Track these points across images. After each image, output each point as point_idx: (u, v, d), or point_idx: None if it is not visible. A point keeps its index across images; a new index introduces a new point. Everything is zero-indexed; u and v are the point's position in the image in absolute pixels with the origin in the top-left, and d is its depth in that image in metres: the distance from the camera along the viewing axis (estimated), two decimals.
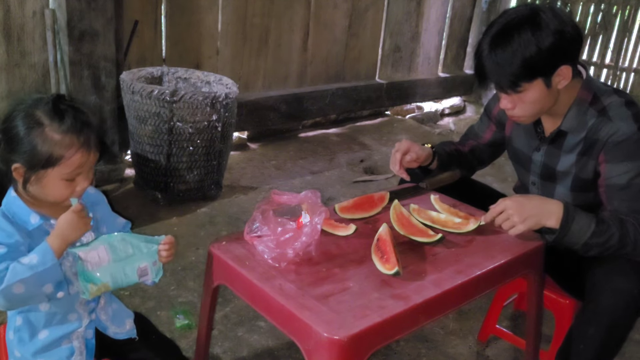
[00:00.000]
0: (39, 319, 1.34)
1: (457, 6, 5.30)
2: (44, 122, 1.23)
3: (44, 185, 1.26)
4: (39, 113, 1.23)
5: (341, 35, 4.51)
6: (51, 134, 1.22)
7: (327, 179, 3.76)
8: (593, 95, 1.70)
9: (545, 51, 1.55)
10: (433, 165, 2.01)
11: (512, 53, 1.56)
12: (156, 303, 2.28)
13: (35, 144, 1.22)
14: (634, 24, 5.07)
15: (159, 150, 2.98)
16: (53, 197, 1.28)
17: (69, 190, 1.27)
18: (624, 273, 1.61)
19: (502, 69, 1.59)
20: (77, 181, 1.28)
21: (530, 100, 1.64)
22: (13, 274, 1.18)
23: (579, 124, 1.71)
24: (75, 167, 1.25)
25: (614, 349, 1.68)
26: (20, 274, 1.18)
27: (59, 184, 1.26)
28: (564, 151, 1.77)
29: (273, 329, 2.18)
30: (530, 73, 1.58)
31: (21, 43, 2.95)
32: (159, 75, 3.33)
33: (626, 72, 5.16)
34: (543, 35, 1.54)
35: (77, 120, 1.25)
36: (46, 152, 1.22)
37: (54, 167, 1.23)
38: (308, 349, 1.25)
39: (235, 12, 3.83)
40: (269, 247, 1.44)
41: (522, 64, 1.56)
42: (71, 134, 1.23)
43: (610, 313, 1.59)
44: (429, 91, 5.31)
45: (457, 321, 2.39)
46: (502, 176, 3.92)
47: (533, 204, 1.61)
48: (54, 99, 1.25)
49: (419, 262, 1.52)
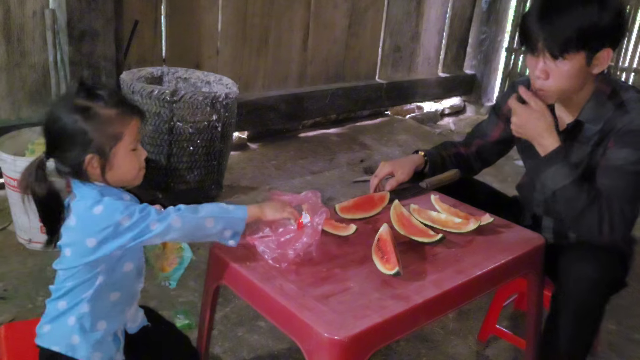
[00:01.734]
0: (104, 308, 1.36)
1: (457, 6, 5.29)
2: (91, 106, 1.27)
3: (119, 165, 1.31)
4: (80, 102, 1.27)
5: (341, 35, 4.51)
6: (103, 112, 1.28)
7: (327, 179, 3.76)
8: (612, 89, 1.71)
9: (603, 27, 1.57)
10: (426, 171, 2.01)
11: (572, 18, 1.57)
12: (157, 303, 2.28)
13: (98, 128, 1.27)
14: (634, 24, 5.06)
15: (159, 150, 2.98)
16: (130, 172, 1.34)
17: (138, 162, 1.35)
18: (584, 259, 1.64)
19: (555, 30, 1.59)
20: (139, 150, 1.36)
21: (567, 73, 1.63)
22: (209, 209, 1.35)
23: (597, 115, 1.71)
24: (135, 134, 1.33)
25: (586, 335, 1.70)
26: (215, 212, 1.36)
27: (129, 157, 1.32)
28: (578, 142, 1.77)
29: (273, 329, 2.18)
30: (580, 43, 1.58)
31: (21, 43, 2.95)
32: (159, 75, 3.33)
33: (626, 72, 5.16)
34: (606, 13, 1.56)
35: (111, 94, 1.31)
36: (109, 130, 1.28)
37: (120, 140, 1.29)
38: (308, 349, 1.25)
39: (235, 12, 3.83)
40: (269, 248, 1.44)
41: (578, 31, 1.56)
42: (117, 107, 1.30)
43: (576, 300, 1.62)
44: (429, 91, 5.31)
45: (457, 321, 2.39)
46: (502, 176, 3.92)
47: (534, 126, 1.68)
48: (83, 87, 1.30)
49: (419, 262, 1.52)
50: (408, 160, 1.96)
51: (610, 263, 1.66)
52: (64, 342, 1.35)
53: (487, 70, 5.53)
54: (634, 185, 1.64)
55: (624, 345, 2.35)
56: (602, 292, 1.63)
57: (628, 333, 2.42)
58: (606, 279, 1.63)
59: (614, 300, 1.76)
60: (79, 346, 1.34)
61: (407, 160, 1.96)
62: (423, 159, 1.98)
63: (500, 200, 2.13)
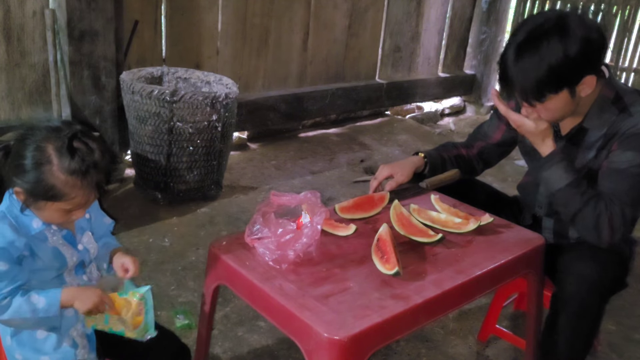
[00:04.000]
0: None
1: (457, 6, 5.29)
2: (52, 161, 1.23)
3: (41, 212, 1.29)
4: (50, 149, 1.24)
5: (341, 35, 4.51)
6: (57, 173, 1.23)
7: (327, 179, 3.76)
8: (615, 94, 1.71)
9: (572, 60, 1.54)
10: (426, 172, 2.01)
11: (539, 61, 1.55)
12: (156, 303, 2.24)
13: (41, 179, 1.23)
14: (634, 24, 5.06)
15: (159, 150, 2.98)
16: (48, 219, 1.30)
17: (66, 218, 1.31)
18: (584, 259, 1.66)
19: (528, 77, 1.58)
20: (74, 213, 1.31)
21: (554, 108, 1.65)
22: (17, 310, 1.24)
23: (601, 121, 1.71)
24: (75, 205, 1.28)
25: (586, 336, 1.70)
26: (24, 312, 1.24)
27: (56, 213, 1.29)
28: (583, 148, 1.77)
29: (273, 329, 2.18)
30: (556, 83, 1.58)
31: (21, 43, 2.95)
32: (159, 75, 3.33)
33: (626, 72, 5.16)
34: (570, 43, 1.53)
35: (85, 162, 1.25)
36: (50, 187, 1.24)
37: (54, 201, 1.26)
38: (308, 349, 1.25)
39: (235, 12, 3.83)
40: (269, 249, 1.44)
41: (549, 72, 1.55)
42: (76, 176, 1.24)
43: (575, 300, 1.63)
44: (429, 91, 5.31)
45: (457, 321, 2.39)
46: (502, 176, 3.92)
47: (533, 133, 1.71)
48: (70, 137, 1.25)
49: (419, 262, 1.52)
50: (408, 162, 1.96)
51: (610, 263, 1.67)
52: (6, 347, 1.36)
53: (487, 70, 5.53)
54: (636, 188, 1.64)
55: (624, 345, 2.35)
56: (602, 292, 1.64)
57: (628, 333, 2.42)
58: (606, 280, 1.64)
59: (614, 301, 1.77)
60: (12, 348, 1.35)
61: (407, 162, 1.96)
62: (423, 160, 1.98)
63: (501, 200, 2.13)
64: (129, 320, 1.35)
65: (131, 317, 1.35)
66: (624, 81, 5.17)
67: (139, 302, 1.35)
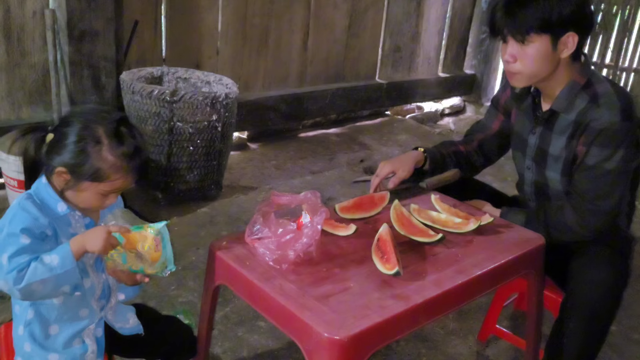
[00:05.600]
0: (50, 312, 1.34)
1: (457, 6, 5.29)
2: (103, 141, 1.27)
3: (80, 194, 1.30)
4: (101, 131, 1.27)
5: (341, 35, 4.51)
6: (107, 154, 1.27)
7: (327, 179, 3.76)
8: (587, 80, 1.74)
9: (564, 14, 1.62)
10: (426, 167, 2.01)
11: (533, 8, 1.62)
12: (156, 303, 2.28)
13: (89, 158, 1.26)
14: (634, 23, 5.06)
15: (159, 150, 2.98)
16: (83, 205, 1.33)
17: (100, 203, 1.33)
18: (598, 264, 1.66)
19: (518, 18, 1.64)
20: (109, 198, 1.34)
21: (533, 55, 1.67)
22: (33, 273, 1.20)
23: (569, 105, 1.75)
24: (115, 188, 1.31)
25: (596, 341, 1.71)
26: (41, 274, 1.20)
27: (94, 196, 1.31)
28: (555, 132, 1.80)
29: (273, 329, 2.18)
30: (542, 26, 1.63)
31: (21, 43, 2.96)
32: (159, 75, 3.33)
33: (626, 72, 5.16)
34: (567, 2, 1.62)
35: (132, 146, 1.29)
36: (97, 168, 1.26)
37: (98, 182, 1.28)
38: (308, 349, 1.25)
39: (235, 12, 3.83)
40: (269, 249, 1.43)
41: (540, 18, 1.62)
42: (123, 159, 1.28)
43: (588, 305, 1.63)
44: (429, 91, 5.31)
45: (457, 321, 2.39)
46: (502, 176, 3.92)
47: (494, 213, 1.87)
48: (119, 121, 1.30)
49: (419, 262, 1.52)
50: (408, 157, 1.96)
51: (623, 266, 1.68)
52: (20, 352, 1.36)
53: (487, 70, 5.53)
54: (607, 182, 1.69)
55: (624, 345, 2.35)
56: (616, 295, 1.64)
57: (628, 333, 2.42)
58: (620, 282, 1.65)
59: None
60: (32, 354, 1.34)
61: (407, 157, 1.96)
62: (423, 155, 1.98)
63: (501, 200, 2.13)
64: (147, 255, 1.31)
65: (148, 251, 1.31)
66: (624, 81, 5.17)
67: (155, 237, 1.30)
